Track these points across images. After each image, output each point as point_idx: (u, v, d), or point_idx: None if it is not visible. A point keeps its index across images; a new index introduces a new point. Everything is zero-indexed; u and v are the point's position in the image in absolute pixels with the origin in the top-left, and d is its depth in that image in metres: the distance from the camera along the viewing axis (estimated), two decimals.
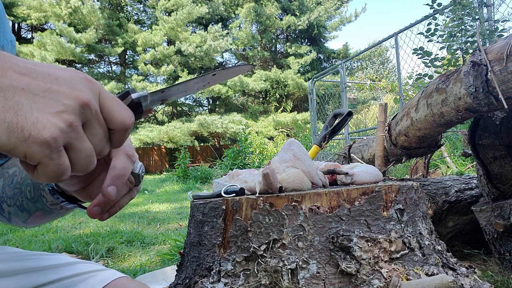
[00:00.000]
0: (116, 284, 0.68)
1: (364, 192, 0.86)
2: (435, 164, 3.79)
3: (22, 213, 0.64)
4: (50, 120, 0.33)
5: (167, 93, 0.47)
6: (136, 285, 0.70)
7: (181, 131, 15.86)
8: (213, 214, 0.89)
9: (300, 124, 15.51)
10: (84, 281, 0.67)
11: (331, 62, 20.39)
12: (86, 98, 0.36)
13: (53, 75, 0.35)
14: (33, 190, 0.61)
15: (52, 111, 0.34)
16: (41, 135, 0.32)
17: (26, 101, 0.33)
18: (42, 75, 0.35)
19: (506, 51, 1.08)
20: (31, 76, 0.34)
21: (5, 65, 0.34)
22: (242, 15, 18.16)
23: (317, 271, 0.80)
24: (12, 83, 0.33)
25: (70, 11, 15.25)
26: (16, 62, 0.34)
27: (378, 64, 23.41)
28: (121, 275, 0.71)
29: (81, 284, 0.67)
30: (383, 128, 1.97)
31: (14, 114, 0.32)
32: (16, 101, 0.33)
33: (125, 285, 0.69)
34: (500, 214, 1.48)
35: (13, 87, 0.33)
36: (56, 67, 0.37)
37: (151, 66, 17.13)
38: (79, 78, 0.37)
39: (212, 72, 0.50)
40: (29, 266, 0.65)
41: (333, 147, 7.45)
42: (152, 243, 2.76)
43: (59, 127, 0.34)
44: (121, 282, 0.69)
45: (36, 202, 0.61)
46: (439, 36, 3.40)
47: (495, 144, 1.56)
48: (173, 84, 0.50)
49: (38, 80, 0.34)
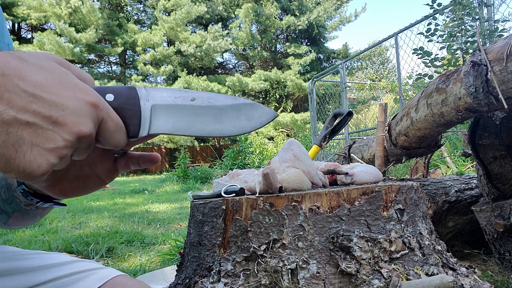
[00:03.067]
0: (114, 282, 0.68)
1: (364, 192, 0.86)
2: (435, 164, 3.80)
3: (1, 215, 0.63)
4: (46, 158, 0.34)
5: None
6: (134, 283, 0.70)
7: None
8: (213, 214, 0.89)
9: (300, 124, 15.51)
10: (83, 279, 0.67)
11: (331, 62, 20.39)
12: (86, 132, 0.36)
13: (61, 106, 0.34)
14: (7, 191, 0.60)
15: (50, 147, 0.34)
16: (34, 173, 0.33)
17: (28, 137, 0.33)
18: (49, 104, 0.34)
19: (506, 51, 1.08)
20: (38, 104, 0.33)
21: (11, 86, 0.32)
22: (242, 15, 18.15)
23: (317, 271, 0.80)
24: (17, 115, 0.32)
25: (70, 11, 15.24)
26: (23, 83, 0.33)
27: (378, 64, 23.41)
28: (120, 273, 0.71)
29: (80, 282, 0.67)
30: (383, 128, 1.97)
31: (14, 151, 0.32)
32: (19, 137, 0.32)
33: (124, 283, 0.69)
34: (500, 214, 1.48)
35: (18, 121, 0.32)
36: (66, 87, 0.36)
37: (150, 66, 17.12)
38: (87, 106, 0.36)
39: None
40: (27, 265, 0.65)
41: (333, 147, 7.45)
42: (152, 243, 2.76)
43: (52, 163, 0.34)
44: (120, 280, 0.69)
45: (11, 203, 0.60)
46: (439, 36, 3.40)
47: (495, 144, 1.56)
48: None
49: (45, 111, 0.34)
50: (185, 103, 0.45)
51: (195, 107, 0.45)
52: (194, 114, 0.45)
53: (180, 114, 0.45)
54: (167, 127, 0.44)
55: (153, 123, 0.43)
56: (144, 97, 0.43)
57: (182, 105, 0.45)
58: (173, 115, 0.44)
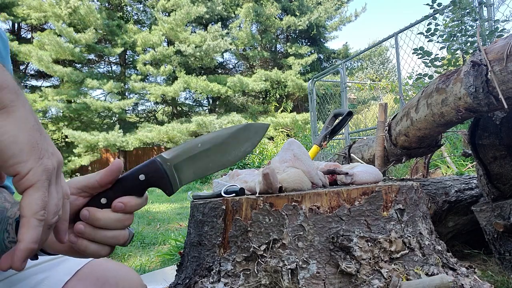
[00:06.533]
0: (94, 263, 0.71)
1: (364, 192, 0.86)
2: (435, 164, 3.79)
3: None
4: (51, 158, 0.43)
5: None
6: (113, 264, 0.72)
7: (180, 131, 15.84)
8: (213, 214, 0.88)
9: (300, 124, 15.49)
10: (65, 262, 0.70)
11: (331, 62, 20.37)
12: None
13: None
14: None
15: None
16: (46, 163, 0.41)
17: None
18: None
19: (506, 51, 1.08)
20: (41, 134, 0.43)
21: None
22: (242, 15, 18.13)
23: (317, 271, 0.80)
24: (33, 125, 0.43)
25: (70, 11, 15.23)
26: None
27: (378, 64, 23.39)
28: None
29: (63, 264, 0.69)
30: (383, 128, 1.97)
31: (39, 136, 0.41)
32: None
33: (103, 264, 0.71)
34: (500, 214, 1.48)
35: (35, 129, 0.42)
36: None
37: (150, 66, 17.11)
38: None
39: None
40: None
41: (333, 147, 7.44)
42: (152, 243, 2.76)
43: (54, 165, 0.42)
44: (99, 261, 0.72)
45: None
46: (439, 36, 3.39)
47: (495, 144, 1.56)
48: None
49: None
50: (195, 152, 0.56)
51: (203, 151, 0.56)
52: (205, 156, 0.56)
53: (195, 162, 0.56)
54: (190, 176, 0.55)
55: (180, 178, 0.55)
56: (165, 163, 0.54)
57: (194, 155, 0.55)
58: (191, 165, 0.55)
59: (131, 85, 16.77)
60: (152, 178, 0.54)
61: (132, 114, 20.32)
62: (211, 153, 0.56)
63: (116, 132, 15.45)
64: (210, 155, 0.56)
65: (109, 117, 18.60)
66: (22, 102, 0.41)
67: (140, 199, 0.54)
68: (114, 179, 0.52)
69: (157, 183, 0.54)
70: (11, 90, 0.40)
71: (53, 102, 15.72)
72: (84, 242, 0.50)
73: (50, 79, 19.07)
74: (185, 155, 0.55)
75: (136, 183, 0.54)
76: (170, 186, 0.54)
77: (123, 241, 0.52)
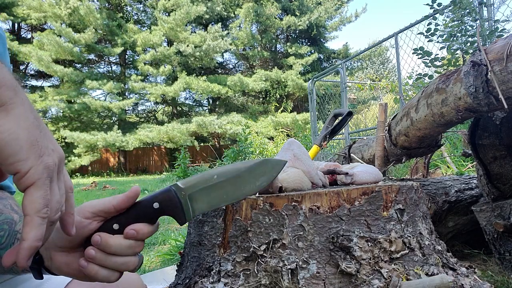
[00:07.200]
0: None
1: (364, 192, 0.86)
2: (435, 164, 3.79)
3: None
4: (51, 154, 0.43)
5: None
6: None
7: (180, 131, 15.84)
8: (213, 214, 0.88)
9: (300, 124, 15.48)
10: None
11: (331, 62, 20.36)
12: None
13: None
14: (6, 236, 0.60)
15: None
16: (46, 160, 0.41)
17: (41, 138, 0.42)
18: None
19: (506, 51, 1.08)
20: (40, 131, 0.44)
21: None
22: (242, 15, 18.13)
23: (317, 271, 0.80)
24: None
25: (70, 12, 15.22)
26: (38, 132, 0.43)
27: (378, 64, 23.39)
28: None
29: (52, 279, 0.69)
30: (383, 128, 1.97)
31: (39, 133, 0.41)
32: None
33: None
34: (500, 214, 1.48)
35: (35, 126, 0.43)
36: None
37: (150, 66, 17.10)
38: None
39: None
40: None
41: (333, 147, 7.44)
42: (152, 243, 2.76)
43: (55, 162, 0.43)
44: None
45: (3, 249, 0.59)
46: (439, 36, 3.39)
47: (495, 144, 1.56)
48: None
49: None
50: (210, 183, 0.56)
51: (219, 183, 0.56)
52: (220, 188, 0.56)
53: (210, 193, 0.56)
54: (204, 207, 0.56)
55: (194, 208, 0.55)
56: (180, 192, 0.54)
57: (209, 186, 0.56)
58: (205, 196, 0.55)
59: (131, 85, 16.77)
60: (166, 207, 0.54)
61: (132, 114, 20.33)
62: (227, 185, 0.56)
63: (115, 132, 15.46)
64: (225, 187, 0.56)
65: (109, 117, 18.61)
66: (21, 99, 0.40)
67: (152, 226, 0.54)
68: (130, 205, 0.52)
69: (171, 212, 0.55)
70: (10, 87, 0.39)
71: (53, 102, 15.73)
72: (94, 268, 0.50)
73: (50, 79, 19.08)
74: (201, 185, 0.55)
75: (150, 211, 0.54)
76: (183, 216, 0.55)
77: (133, 267, 0.52)
